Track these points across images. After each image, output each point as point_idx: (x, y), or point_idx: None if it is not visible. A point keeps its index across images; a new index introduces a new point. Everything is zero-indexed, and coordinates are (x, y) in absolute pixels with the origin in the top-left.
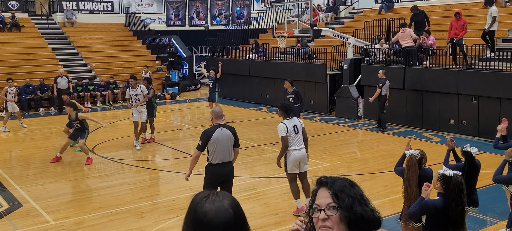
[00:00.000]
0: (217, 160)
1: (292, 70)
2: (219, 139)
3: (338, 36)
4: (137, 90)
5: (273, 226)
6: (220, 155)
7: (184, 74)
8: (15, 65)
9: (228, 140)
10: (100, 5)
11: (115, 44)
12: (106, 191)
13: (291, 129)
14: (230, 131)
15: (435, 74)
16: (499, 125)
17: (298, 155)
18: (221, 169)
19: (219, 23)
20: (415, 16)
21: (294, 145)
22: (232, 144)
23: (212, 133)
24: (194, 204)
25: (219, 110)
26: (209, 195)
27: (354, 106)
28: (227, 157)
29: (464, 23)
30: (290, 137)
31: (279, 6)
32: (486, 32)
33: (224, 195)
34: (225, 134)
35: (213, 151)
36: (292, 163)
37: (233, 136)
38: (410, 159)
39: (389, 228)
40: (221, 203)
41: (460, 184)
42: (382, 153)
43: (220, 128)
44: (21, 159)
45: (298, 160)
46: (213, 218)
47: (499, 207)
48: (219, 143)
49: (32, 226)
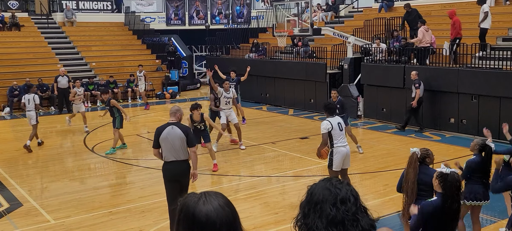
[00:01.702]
0: (168, 158)
1: (292, 70)
2: (168, 137)
3: (338, 35)
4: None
5: (273, 225)
6: (171, 153)
7: (184, 74)
8: (15, 65)
9: (178, 138)
10: (100, 4)
11: (115, 43)
12: (106, 190)
13: (336, 126)
14: (182, 130)
15: (435, 73)
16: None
17: (344, 151)
18: (173, 167)
19: (219, 22)
20: (407, 14)
21: (340, 142)
22: (184, 143)
23: (162, 131)
24: (189, 209)
25: (174, 109)
26: (200, 197)
27: (354, 105)
28: (179, 156)
29: (455, 22)
30: (335, 133)
31: (279, 5)
32: (480, 29)
33: (215, 194)
34: (175, 132)
35: (164, 149)
36: (339, 159)
37: (184, 135)
38: (411, 157)
39: (391, 226)
40: (217, 202)
41: (456, 181)
42: (382, 151)
43: (172, 126)
44: (21, 159)
45: (344, 155)
46: (216, 219)
47: (499, 206)
48: (168, 141)
49: (32, 225)
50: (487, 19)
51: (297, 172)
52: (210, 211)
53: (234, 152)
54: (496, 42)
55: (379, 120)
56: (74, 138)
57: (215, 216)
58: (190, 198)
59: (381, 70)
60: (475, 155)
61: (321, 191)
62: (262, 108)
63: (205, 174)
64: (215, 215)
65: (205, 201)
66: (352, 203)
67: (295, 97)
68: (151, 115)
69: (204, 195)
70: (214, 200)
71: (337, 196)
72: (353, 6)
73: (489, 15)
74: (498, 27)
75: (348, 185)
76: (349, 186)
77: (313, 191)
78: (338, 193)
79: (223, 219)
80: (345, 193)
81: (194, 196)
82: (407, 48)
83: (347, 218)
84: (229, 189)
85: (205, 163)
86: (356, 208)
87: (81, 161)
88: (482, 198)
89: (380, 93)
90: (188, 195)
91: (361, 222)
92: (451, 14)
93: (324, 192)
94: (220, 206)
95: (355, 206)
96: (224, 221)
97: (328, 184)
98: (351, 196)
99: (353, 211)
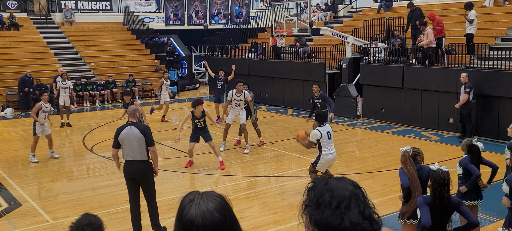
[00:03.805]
0: (127, 157)
1: (291, 70)
2: (127, 137)
3: (337, 35)
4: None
5: (272, 225)
6: (129, 153)
7: (183, 74)
8: (14, 65)
9: (136, 138)
10: (99, 4)
11: (114, 43)
12: (105, 191)
13: (325, 135)
14: (140, 130)
15: (434, 73)
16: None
17: (330, 158)
18: (131, 166)
19: (217, 22)
20: (411, 13)
21: (328, 149)
22: (142, 143)
23: (121, 131)
24: (181, 210)
25: (132, 109)
26: (194, 199)
27: (353, 105)
28: (136, 156)
29: (438, 22)
30: (324, 141)
31: (278, 5)
32: (467, 35)
33: (210, 197)
34: (134, 133)
35: (123, 148)
36: (323, 164)
37: (142, 135)
38: (404, 155)
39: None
40: (206, 206)
41: (440, 178)
42: (381, 151)
43: (130, 126)
44: (20, 159)
45: (330, 162)
46: (200, 224)
47: (498, 205)
48: (126, 140)
49: (31, 225)
50: (473, 25)
51: (296, 172)
52: (195, 216)
53: (234, 152)
54: (495, 42)
55: (378, 120)
56: (73, 138)
57: (200, 222)
58: (186, 198)
59: (380, 70)
60: (465, 155)
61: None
62: (261, 108)
63: (205, 173)
64: (201, 220)
65: (198, 203)
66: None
67: (294, 97)
68: (149, 116)
69: (201, 196)
70: (205, 204)
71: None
72: (352, 6)
73: (475, 22)
74: (497, 27)
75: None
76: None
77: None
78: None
79: (208, 225)
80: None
81: (191, 195)
82: (416, 49)
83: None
84: (228, 189)
85: (206, 162)
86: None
87: (80, 161)
88: (475, 198)
89: (379, 93)
90: (188, 194)
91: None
92: (432, 16)
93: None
94: (209, 211)
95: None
96: (208, 227)
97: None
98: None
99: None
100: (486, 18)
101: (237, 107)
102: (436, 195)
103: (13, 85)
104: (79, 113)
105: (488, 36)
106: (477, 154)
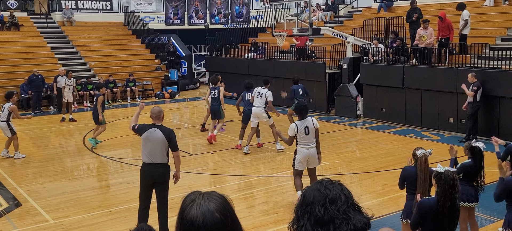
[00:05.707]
0: (146, 159)
1: (291, 69)
2: (148, 139)
3: (338, 35)
4: None
5: (272, 225)
6: (149, 155)
7: (183, 73)
8: (14, 65)
9: (158, 142)
10: (99, 4)
11: (114, 43)
12: (105, 190)
13: (302, 130)
14: (164, 134)
15: (434, 73)
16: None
17: (306, 152)
18: (150, 169)
19: (218, 22)
20: (412, 11)
21: (303, 144)
22: (164, 147)
23: (144, 130)
24: (182, 210)
25: (157, 110)
26: (195, 199)
27: (353, 105)
28: (157, 159)
29: (449, 24)
30: (300, 136)
31: (278, 4)
32: (460, 35)
33: (211, 197)
34: (156, 135)
35: (142, 149)
36: (299, 159)
37: (166, 140)
38: (421, 159)
39: (391, 226)
40: (207, 207)
41: (451, 180)
42: (381, 151)
43: (154, 128)
44: (20, 158)
45: (306, 157)
46: (201, 224)
47: (498, 205)
48: (147, 142)
49: (31, 225)
50: (467, 26)
51: None
52: (196, 217)
53: (234, 152)
54: (495, 42)
55: (378, 120)
56: (73, 137)
57: (200, 222)
58: (188, 197)
59: (380, 70)
60: (469, 158)
61: (312, 193)
62: None
63: (205, 173)
64: (201, 220)
65: (199, 203)
66: (343, 202)
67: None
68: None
69: (202, 196)
70: (206, 204)
71: (326, 196)
72: (352, 6)
73: (468, 22)
74: (497, 27)
75: (339, 184)
76: (341, 185)
77: (305, 193)
78: (328, 193)
79: (209, 226)
80: (336, 192)
81: (192, 195)
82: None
83: (338, 217)
84: (228, 188)
85: (205, 163)
86: (347, 207)
87: (80, 160)
88: (474, 200)
89: (379, 93)
90: (189, 194)
91: (353, 220)
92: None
93: (315, 194)
94: (210, 212)
95: (346, 204)
96: (209, 228)
97: (318, 186)
98: (342, 195)
99: (344, 210)
100: (486, 18)
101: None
102: (446, 197)
103: (13, 85)
104: (79, 113)
105: (488, 36)
106: (480, 155)
